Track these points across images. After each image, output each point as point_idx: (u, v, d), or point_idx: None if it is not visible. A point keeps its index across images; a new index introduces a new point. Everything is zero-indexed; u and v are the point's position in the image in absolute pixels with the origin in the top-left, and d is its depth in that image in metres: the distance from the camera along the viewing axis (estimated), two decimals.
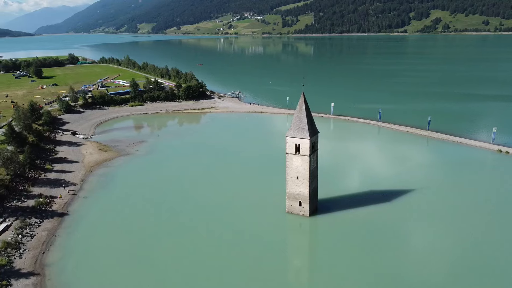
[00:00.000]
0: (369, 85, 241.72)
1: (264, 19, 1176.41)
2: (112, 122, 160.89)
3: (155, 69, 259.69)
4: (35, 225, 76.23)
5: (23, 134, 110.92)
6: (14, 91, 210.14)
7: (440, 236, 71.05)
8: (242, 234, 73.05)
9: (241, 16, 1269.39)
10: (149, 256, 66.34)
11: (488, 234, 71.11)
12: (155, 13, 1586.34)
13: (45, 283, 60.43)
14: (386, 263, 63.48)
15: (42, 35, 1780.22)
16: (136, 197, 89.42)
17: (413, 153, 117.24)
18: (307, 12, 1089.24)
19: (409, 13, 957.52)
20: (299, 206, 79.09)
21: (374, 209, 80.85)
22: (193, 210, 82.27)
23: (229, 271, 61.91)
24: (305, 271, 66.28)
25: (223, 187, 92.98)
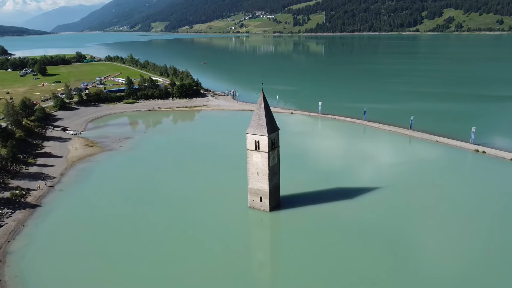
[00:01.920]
0: (365, 85, 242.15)
1: (275, 18, 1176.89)
2: (104, 119, 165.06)
3: (155, 67, 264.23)
4: (6, 216, 79.85)
5: (9, 129, 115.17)
6: (16, 88, 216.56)
7: (402, 230, 72.51)
8: (205, 227, 75.12)
9: (253, 15, 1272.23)
10: (108, 247, 68.90)
11: (447, 227, 73.02)
12: (169, 12, 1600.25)
13: (4, 269, 63.72)
14: (343, 256, 65.30)
15: (58, 34, 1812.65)
16: (108, 191, 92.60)
17: (389, 151, 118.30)
18: (319, 11, 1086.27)
19: (422, 12, 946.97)
20: (260, 202, 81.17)
21: (337, 205, 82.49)
22: (160, 204, 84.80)
23: (190, 264, 63.58)
24: (265, 264, 67.80)
25: (193, 182, 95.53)
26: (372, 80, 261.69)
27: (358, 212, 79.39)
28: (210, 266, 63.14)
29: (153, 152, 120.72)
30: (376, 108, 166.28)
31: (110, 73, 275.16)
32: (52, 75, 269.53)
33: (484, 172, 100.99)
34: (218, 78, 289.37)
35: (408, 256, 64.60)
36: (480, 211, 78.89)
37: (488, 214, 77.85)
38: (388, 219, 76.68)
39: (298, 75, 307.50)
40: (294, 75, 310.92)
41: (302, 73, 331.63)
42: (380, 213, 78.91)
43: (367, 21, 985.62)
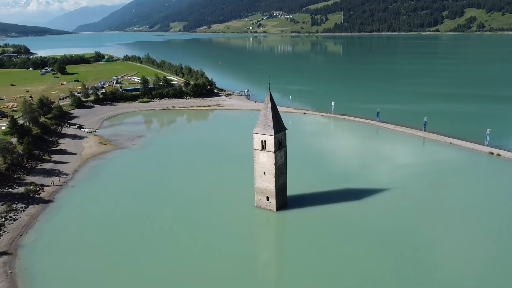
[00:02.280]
0: (379, 85, 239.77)
1: (293, 18, 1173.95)
2: (119, 117, 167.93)
3: (170, 66, 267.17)
4: (20, 210, 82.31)
5: (26, 127, 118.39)
6: (35, 86, 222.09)
7: (410, 232, 71.70)
8: (211, 225, 75.85)
9: (271, 15, 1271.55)
10: (114, 244, 70.14)
11: (458, 230, 72.08)
12: (187, 12, 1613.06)
13: (15, 262, 65.82)
14: (349, 256, 65.13)
15: (80, 34, 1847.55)
16: (117, 188, 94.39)
17: (402, 153, 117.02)
18: (337, 11, 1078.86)
19: (442, 11, 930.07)
20: (266, 201, 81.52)
21: (344, 205, 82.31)
22: (167, 202, 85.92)
23: (195, 263, 64.14)
24: (270, 263, 68.09)
25: (202, 181, 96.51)
26: (387, 81, 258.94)
27: (366, 213, 79.05)
28: (216, 265, 63.65)
29: (164, 150, 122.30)
30: (390, 109, 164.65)
31: (127, 72, 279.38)
32: (71, 74, 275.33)
33: (498, 175, 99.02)
34: (233, 78, 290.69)
35: (415, 258, 63.92)
36: (492, 215, 77.43)
37: (500, 217, 76.49)
38: (397, 220, 76.13)
39: (313, 75, 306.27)
40: (309, 75, 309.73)
41: (317, 73, 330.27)
42: (388, 214, 78.47)
43: (386, 21, 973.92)
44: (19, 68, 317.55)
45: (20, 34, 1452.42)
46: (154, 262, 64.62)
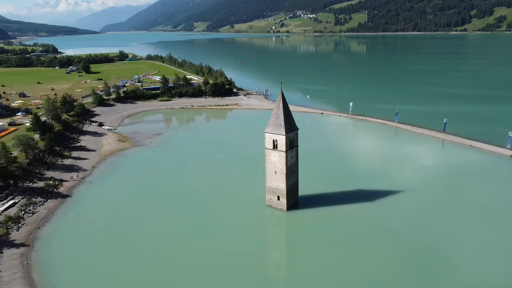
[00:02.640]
0: (400, 85, 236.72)
1: (316, 18, 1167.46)
2: (139, 115, 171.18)
3: (191, 66, 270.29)
4: (39, 204, 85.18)
5: (48, 123, 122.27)
6: (61, 84, 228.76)
7: (423, 234, 70.57)
8: (222, 223, 76.55)
9: (294, 15, 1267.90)
10: (127, 239, 71.57)
11: (472, 234, 70.65)
12: (211, 12, 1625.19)
13: (32, 253, 68.30)
14: (359, 257, 64.70)
15: (106, 33, 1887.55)
16: (132, 184, 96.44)
17: (419, 155, 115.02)
18: (361, 10, 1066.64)
19: (470, 10, 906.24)
20: (277, 200, 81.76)
21: (357, 206, 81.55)
22: (180, 199, 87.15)
23: (207, 259, 64.73)
24: (277, 263, 67.93)
25: (215, 179, 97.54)
26: (409, 81, 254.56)
27: (379, 215, 78.15)
28: (224, 262, 64.14)
29: (180, 148, 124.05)
30: (410, 110, 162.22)
31: (149, 71, 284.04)
32: (95, 72, 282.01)
33: None
34: (254, 77, 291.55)
35: (427, 262, 62.64)
36: (510, 220, 75.30)
37: None
38: (410, 223, 74.97)
39: (334, 75, 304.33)
40: (330, 75, 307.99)
41: (338, 73, 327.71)
42: (401, 217, 77.56)
43: (411, 21, 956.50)
44: (46, 66, 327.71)
45: (49, 34, 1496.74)
46: (165, 258, 65.62)
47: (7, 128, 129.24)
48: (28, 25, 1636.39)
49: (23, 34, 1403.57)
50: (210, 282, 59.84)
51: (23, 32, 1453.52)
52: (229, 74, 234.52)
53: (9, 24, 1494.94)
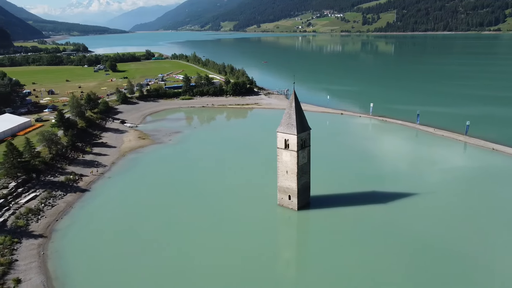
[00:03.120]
0: (425, 86, 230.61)
1: (343, 17, 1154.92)
2: (161, 113, 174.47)
3: (214, 65, 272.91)
4: (59, 197, 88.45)
5: (71, 120, 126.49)
6: (88, 82, 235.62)
7: (437, 238, 69.39)
8: (233, 221, 77.31)
9: (321, 14, 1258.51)
10: (139, 233, 73.49)
11: (488, 238, 68.97)
12: (238, 12, 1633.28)
13: (48, 244, 71.16)
14: (368, 259, 64.29)
15: (135, 33, 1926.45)
16: (148, 181, 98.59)
17: (439, 157, 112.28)
18: (390, 10, 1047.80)
19: (505, 9, 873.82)
20: (288, 200, 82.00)
21: (370, 208, 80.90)
22: (195, 196, 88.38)
23: (218, 258, 65.33)
24: (289, 262, 68.35)
25: (229, 177, 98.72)
26: (435, 82, 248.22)
27: (391, 217, 77.25)
28: (233, 259, 64.88)
29: (197, 146, 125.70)
30: (434, 111, 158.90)
31: (174, 70, 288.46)
32: (121, 71, 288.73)
33: None
34: (276, 77, 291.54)
35: (438, 265, 61.73)
36: None
37: None
38: (423, 225, 73.64)
39: (359, 75, 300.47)
40: (355, 75, 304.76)
41: (364, 73, 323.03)
42: (415, 219, 76.15)
43: (441, 20, 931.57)
44: (75, 65, 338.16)
45: (81, 33, 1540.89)
46: (176, 253, 66.92)
47: (34, 124, 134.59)
48: (62, 25, 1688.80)
49: (57, 33, 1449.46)
50: (219, 278, 60.45)
51: (56, 31, 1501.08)
52: (252, 73, 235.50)
53: (44, 24, 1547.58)
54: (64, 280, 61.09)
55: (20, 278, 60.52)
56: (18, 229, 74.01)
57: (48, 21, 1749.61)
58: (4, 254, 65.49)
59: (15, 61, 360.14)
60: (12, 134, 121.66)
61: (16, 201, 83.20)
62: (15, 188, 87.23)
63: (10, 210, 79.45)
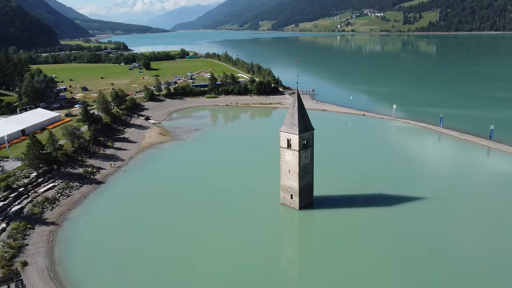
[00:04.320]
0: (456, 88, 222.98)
1: (384, 16, 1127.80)
2: (185, 111, 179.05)
3: (243, 64, 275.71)
4: (75, 188, 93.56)
5: (96, 115, 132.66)
6: (121, 80, 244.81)
7: (442, 243, 68.37)
8: (237, 218, 78.90)
9: (361, 13, 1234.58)
10: (146, 226, 76.23)
11: (498, 251, 66.69)
12: (277, 11, 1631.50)
13: (58, 232, 75.69)
14: (366, 262, 64.26)
15: (176, 32, 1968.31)
16: (162, 176, 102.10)
17: (458, 161, 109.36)
18: (433, 8, 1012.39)
19: None
20: (290, 199, 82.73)
21: (374, 211, 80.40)
22: (205, 193, 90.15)
23: (221, 254, 66.65)
24: (290, 261, 69.06)
25: (240, 175, 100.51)
26: (471, 84, 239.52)
27: (395, 221, 76.51)
28: (232, 256, 66.25)
29: (214, 144, 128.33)
30: (462, 114, 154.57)
31: (205, 68, 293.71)
32: (154, 69, 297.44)
33: None
34: (306, 76, 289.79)
35: (440, 272, 60.66)
36: None
37: None
38: (428, 230, 72.45)
39: (393, 76, 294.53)
40: (387, 75, 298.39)
41: (397, 73, 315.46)
42: (421, 224, 74.80)
43: (488, 19, 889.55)
44: (113, 63, 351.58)
45: (124, 32, 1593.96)
46: (179, 250, 68.14)
47: (63, 119, 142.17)
48: (106, 24, 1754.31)
49: (102, 32, 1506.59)
50: (220, 275, 61.67)
51: (101, 30, 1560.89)
52: (282, 72, 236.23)
53: (90, 23, 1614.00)
54: (67, 266, 65.01)
55: (27, 261, 65.05)
56: (33, 216, 79.16)
57: (94, 20, 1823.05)
58: (17, 239, 70.49)
59: (58, 58, 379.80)
60: (41, 128, 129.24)
61: (35, 190, 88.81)
62: (36, 178, 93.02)
63: (29, 198, 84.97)
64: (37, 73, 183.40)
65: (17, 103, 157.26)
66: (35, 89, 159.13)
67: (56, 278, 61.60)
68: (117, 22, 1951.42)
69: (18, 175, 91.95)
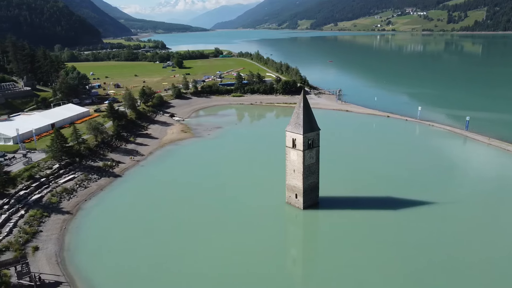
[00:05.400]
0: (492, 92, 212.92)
1: (427, 15, 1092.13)
2: (210, 109, 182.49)
3: (273, 63, 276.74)
4: (93, 180, 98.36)
5: (120, 112, 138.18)
6: (153, 78, 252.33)
7: (446, 250, 67.13)
8: (242, 215, 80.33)
9: (402, 12, 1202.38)
10: (154, 222, 78.55)
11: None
12: (316, 10, 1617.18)
13: (72, 220, 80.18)
14: (368, 263, 64.40)
15: (215, 31, 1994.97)
16: (176, 172, 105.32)
17: (478, 167, 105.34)
18: (479, 7, 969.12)
19: None
20: (295, 198, 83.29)
21: (383, 213, 79.80)
22: (215, 189, 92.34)
23: (224, 250, 68.08)
24: (290, 259, 70.15)
25: (248, 172, 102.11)
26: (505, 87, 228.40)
27: (401, 225, 75.67)
28: (242, 253, 67.63)
29: (231, 142, 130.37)
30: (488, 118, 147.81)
31: (236, 67, 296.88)
32: (187, 68, 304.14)
33: None
34: (338, 76, 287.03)
35: (443, 278, 59.94)
36: None
37: None
38: (436, 236, 71.13)
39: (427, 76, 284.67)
40: (423, 76, 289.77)
41: (433, 74, 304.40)
42: (428, 230, 73.45)
43: None
44: (149, 61, 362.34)
45: (165, 31, 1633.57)
46: (184, 246, 69.78)
47: (92, 114, 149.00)
48: (149, 23, 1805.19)
49: (144, 31, 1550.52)
50: (221, 269, 63.38)
51: (144, 29, 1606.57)
52: (313, 72, 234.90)
53: (133, 22, 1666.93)
54: (74, 252, 68.99)
55: (39, 247, 69.58)
56: (51, 205, 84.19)
57: (137, 19, 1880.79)
58: (32, 225, 75.39)
59: (98, 56, 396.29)
60: (70, 122, 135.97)
61: (56, 180, 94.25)
62: (57, 169, 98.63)
63: (49, 188, 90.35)
64: (71, 70, 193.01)
65: (52, 98, 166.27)
66: (69, 86, 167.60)
67: (62, 263, 65.58)
68: (159, 21, 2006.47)
69: (42, 166, 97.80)
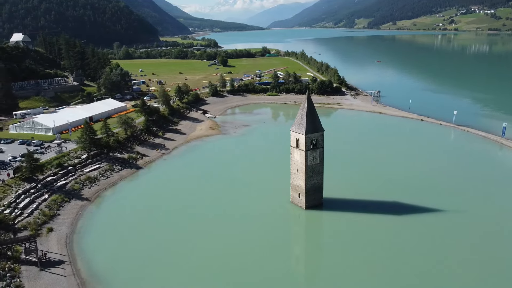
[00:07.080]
0: None
1: (494, 13, 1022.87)
2: (243, 107, 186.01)
3: (315, 63, 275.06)
4: (116, 171, 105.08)
5: (152, 107, 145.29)
6: (195, 75, 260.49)
7: (446, 259, 65.93)
8: (247, 212, 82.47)
9: (467, 10, 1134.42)
10: (167, 214, 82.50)
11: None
12: (375, 8, 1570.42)
13: (88, 206, 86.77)
14: (368, 265, 64.87)
15: (271, 29, 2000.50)
16: (193, 167, 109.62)
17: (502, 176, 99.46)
18: None
19: None
20: (298, 198, 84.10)
21: (388, 217, 79.12)
22: (228, 185, 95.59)
23: (226, 247, 70.22)
24: (293, 258, 71.47)
25: (262, 171, 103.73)
26: None
27: (403, 229, 74.93)
28: (244, 249, 69.94)
29: (254, 140, 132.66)
30: None
31: (280, 66, 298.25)
32: (230, 66, 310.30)
33: None
34: (384, 77, 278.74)
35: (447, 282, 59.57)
36: None
37: None
38: (437, 243, 69.98)
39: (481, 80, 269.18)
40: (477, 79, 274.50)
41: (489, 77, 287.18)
42: (433, 236, 72.32)
43: None
44: (197, 59, 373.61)
45: (222, 30, 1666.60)
46: (189, 240, 72.56)
47: (129, 109, 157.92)
48: (206, 22, 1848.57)
49: (202, 30, 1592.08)
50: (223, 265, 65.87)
51: (201, 28, 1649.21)
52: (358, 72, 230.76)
53: (192, 21, 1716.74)
54: (83, 235, 75.17)
55: (53, 228, 76.39)
56: (73, 191, 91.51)
57: (195, 18, 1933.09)
58: (52, 209, 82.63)
59: (150, 54, 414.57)
60: (107, 116, 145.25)
61: (82, 169, 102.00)
62: (85, 159, 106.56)
63: (74, 176, 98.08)
64: (115, 67, 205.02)
65: (96, 93, 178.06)
66: (112, 82, 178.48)
67: (69, 244, 71.79)
68: (217, 20, 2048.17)
69: (72, 155, 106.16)
